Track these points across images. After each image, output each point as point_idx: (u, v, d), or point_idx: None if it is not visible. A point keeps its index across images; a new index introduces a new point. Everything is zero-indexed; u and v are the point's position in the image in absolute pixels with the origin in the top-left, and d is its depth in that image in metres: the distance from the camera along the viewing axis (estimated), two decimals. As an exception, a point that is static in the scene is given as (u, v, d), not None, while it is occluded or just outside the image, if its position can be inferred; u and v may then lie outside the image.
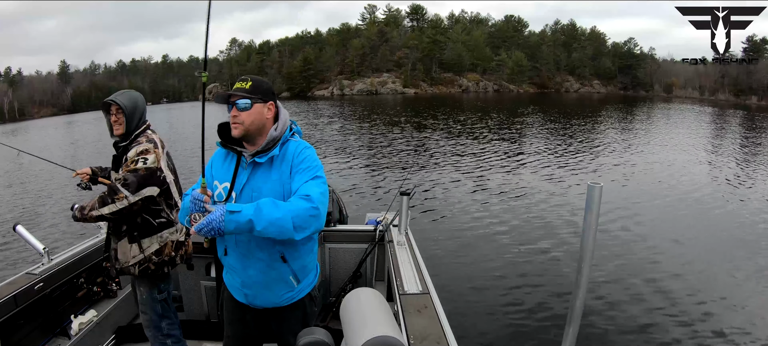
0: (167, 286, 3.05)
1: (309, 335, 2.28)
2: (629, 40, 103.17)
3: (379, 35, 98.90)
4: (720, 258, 7.31)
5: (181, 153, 17.89)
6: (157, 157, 2.78)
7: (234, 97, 2.05)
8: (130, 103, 2.85)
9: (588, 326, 5.18)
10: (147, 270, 2.87)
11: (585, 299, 1.62)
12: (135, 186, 2.67)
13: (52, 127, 49.45)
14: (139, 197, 2.69)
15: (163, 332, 3.03)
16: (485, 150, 18.47)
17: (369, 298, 2.18)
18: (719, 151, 18.71)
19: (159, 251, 2.87)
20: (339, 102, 65.64)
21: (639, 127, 28.07)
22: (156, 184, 2.77)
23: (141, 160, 2.72)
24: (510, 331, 5.29)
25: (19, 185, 15.94)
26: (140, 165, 2.71)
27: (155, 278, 2.93)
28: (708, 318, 5.44)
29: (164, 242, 2.88)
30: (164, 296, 3.02)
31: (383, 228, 3.87)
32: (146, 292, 2.96)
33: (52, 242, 8.35)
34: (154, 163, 2.75)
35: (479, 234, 8.56)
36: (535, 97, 75.44)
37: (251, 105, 2.06)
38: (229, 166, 2.16)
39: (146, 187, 2.72)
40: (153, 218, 2.85)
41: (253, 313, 2.27)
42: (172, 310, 3.11)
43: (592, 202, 1.49)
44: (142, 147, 2.77)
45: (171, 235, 2.92)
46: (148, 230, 2.84)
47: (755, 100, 65.76)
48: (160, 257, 2.88)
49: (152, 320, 3.00)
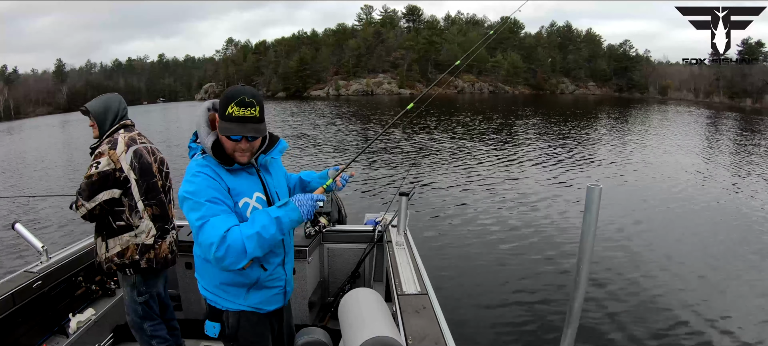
0: (149, 289, 3.00)
1: (308, 335, 2.29)
2: (625, 43, 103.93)
3: (375, 36, 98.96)
4: (718, 258, 7.35)
5: (181, 155, 17.83)
6: (110, 159, 2.75)
7: (257, 133, 1.94)
8: (100, 108, 2.87)
9: (586, 326, 5.20)
10: (110, 269, 2.88)
11: (584, 299, 1.62)
12: (86, 194, 2.71)
13: (48, 127, 49.31)
14: (94, 203, 2.72)
15: (147, 333, 3.02)
16: (483, 151, 18.51)
17: (367, 298, 2.18)
18: (716, 153, 18.80)
19: (121, 253, 2.85)
20: (335, 102, 65.55)
21: (636, 128, 28.22)
22: (114, 186, 2.76)
23: (93, 165, 2.73)
24: (508, 331, 5.29)
25: (19, 181, 15.87)
26: (93, 171, 2.71)
27: (133, 279, 2.92)
28: (707, 318, 5.46)
29: (125, 245, 2.86)
30: (145, 299, 2.99)
31: (382, 228, 3.86)
32: (127, 293, 2.96)
33: (50, 240, 8.30)
34: (107, 166, 2.73)
35: (477, 235, 8.57)
36: (531, 98, 75.67)
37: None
38: (244, 177, 2.07)
39: (101, 192, 2.73)
40: (113, 220, 2.83)
41: (277, 315, 2.31)
42: (157, 311, 3.08)
43: (591, 203, 1.49)
44: (99, 150, 2.78)
45: (131, 239, 2.87)
46: (111, 232, 2.85)
47: (749, 102, 66.14)
48: (122, 259, 2.86)
49: (134, 321, 3.00)
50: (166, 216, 3.03)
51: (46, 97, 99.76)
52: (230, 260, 1.84)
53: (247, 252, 1.85)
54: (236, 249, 1.83)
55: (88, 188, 2.70)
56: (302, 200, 1.96)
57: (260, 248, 1.88)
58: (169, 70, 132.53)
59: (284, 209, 1.93)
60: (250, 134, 1.91)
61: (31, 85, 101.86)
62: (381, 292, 3.65)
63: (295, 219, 1.93)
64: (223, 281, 2.09)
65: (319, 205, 2.00)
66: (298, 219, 1.94)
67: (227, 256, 1.83)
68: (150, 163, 2.92)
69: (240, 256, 1.85)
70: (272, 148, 2.15)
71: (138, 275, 2.92)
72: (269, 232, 1.87)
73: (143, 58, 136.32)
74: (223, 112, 1.90)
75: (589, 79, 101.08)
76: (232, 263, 1.85)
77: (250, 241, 1.85)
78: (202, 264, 2.10)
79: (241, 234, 1.85)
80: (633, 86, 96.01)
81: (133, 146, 2.86)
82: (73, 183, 14.88)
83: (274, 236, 1.89)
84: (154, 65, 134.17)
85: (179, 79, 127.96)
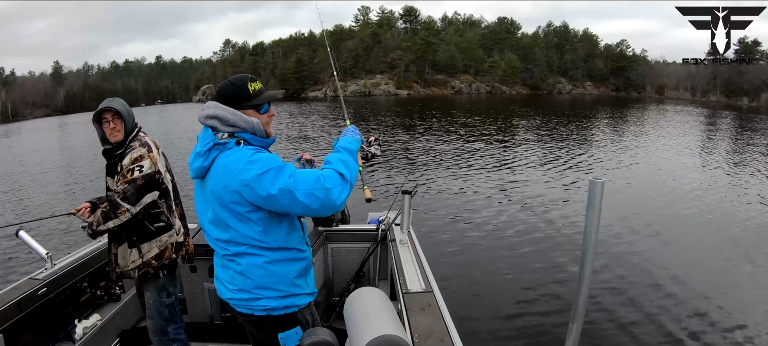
0: (175, 290, 3.03)
1: (313, 335, 2.30)
2: (621, 42, 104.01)
3: (373, 37, 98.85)
4: (720, 254, 7.41)
5: (183, 155, 17.79)
6: (152, 162, 2.76)
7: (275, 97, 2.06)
8: (124, 108, 2.83)
9: (592, 322, 5.22)
10: (146, 274, 2.85)
11: (588, 295, 1.63)
12: (134, 198, 2.67)
13: (46, 129, 49.08)
14: (140, 206, 2.69)
15: (169, 336, 3.01)
16: (484, 149, 18.55)
17: (372, 297, 2.19)
18: (715, 151, 18.82)
19: (159, 255, 2.86)
20: (333, 103, 65.42)
21: (635, 128, 28.28)
22: (155, 188, 2.77)
23: (136, 168, 2.70)
24: (513, 327, 5.31)
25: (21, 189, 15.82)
26: (137, 174, 2.69)
27: (161, 282, 2.92)
28: (708, 315, 5.48)
29: (164, 245, 2.87)
30: (172, 300, 3.00)
31: (386, 227, 3.87)
32: (154, 297, 2.94)
33: (54, 246, 8.29)
34: (150, 168, 2.74)
35: (481, 231, 8.59)
36: (528, 98, 75.58)
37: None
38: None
39: (146, 195, 2.72)
40: (151, 222, 2.82)
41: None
42: (179, 314, 3.10)
43: (594, 198, 1.47)
44: (136, 153, 2.74)
45: (170, 238, 2.90)
46: (147, 235, 2.82)
47: (746, 101, 66.19)
48: (160, 260, 2.86)
49: (159, 325, 2.98)
50: (184, 215, 3.10)
51: (44, 100, 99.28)
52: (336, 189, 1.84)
53: (345, 178, 1.88)
54: (334, 179, 1.85)
55: (137, 191, 2.67)
56: (349, 131, 2.15)
57: (352, 175, 1.94)
58: (166, 72, 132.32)
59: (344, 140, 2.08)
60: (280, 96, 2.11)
61: (28, 87, 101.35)
62: (386, 291, 3.66)
63: (357, 148, 2.08)
64: (297, 274, 2.04)
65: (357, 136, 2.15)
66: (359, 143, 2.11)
67: (334, 187, 1.83)
68: (169, 165, 3.00)
69: (343, 184, 1.87)
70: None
71: (167, 276, 2.92)
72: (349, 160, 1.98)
73: (141, 60, 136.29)
74: (246, 94, 1.94)
75: (586, 79, 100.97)
76: (339, 193, 1.84)
77: (341, 166, 1.91)
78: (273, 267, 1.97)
79: (330, 167, 1.91)
80: (630, 86, 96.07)
81: (160, 148, 2.91)
82: (70, 188, 14.87)
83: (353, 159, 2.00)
84: (152, 67, 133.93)
85: (177, 81, 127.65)
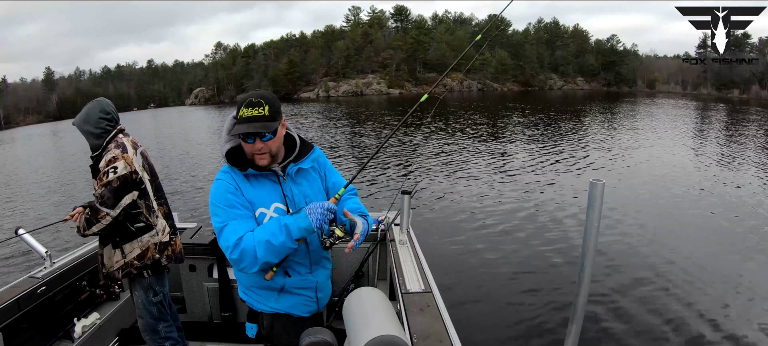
0: (162, 288, 3.04)
1: (312, 335, 2.30)
2: (612, 37, 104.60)
3: (364, 37, 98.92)
4: (720, 250, 7.38)
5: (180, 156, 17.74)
6: (127, 162, 2.77)
7: (259, 133, 1.94)
8: (80, 120, 2.89)
9: (591, 323, 5.19)
10: (130, 274, 2.89)
11: (588, 296, 1.62)
12: (112, 201, 2.70)
13: (38, 136, 48.81)
14: (120, 209, 2.73)
15: (161, 335, 3.04)
16: (481, 149, 18.50)
17: (371, 297, 2.18)
18: (711, 143, 18.92)
19: (141, 255, 2.88)
20: (325, 104, 65.36)
21: (629, 123, 28.37)
22: (133, 188, 2.79)
23: (111, 170, 2.72)
24: (513, 328, 5.28)
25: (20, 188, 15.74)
26: (112, 176, 2.71)
27: (147, 282, 2.95)
28: (708, 315, 5.43)
29: (145, 245, 2.89)
30: (160, 299, 3.02)
31: (385, 227, 3.84)
32: (141, 297, 2.97)
33: (54, 245, 8.27)
34: (124, 169, 2.75)
35: (481, 232, 8.56)
36: (520, 95, 75.71)
37: (276, 132, 2.00)
38: (265, 186, 2.09)
39: (124, 196, 2.74)
40: (131, 223, 2.85)
41: (315, 319, 2.35)
42: (170, 312, 3.11)
43: (594, 199, 1.45)
44: (111, 155, 2.76)
45: (152, 238, 2.92)
46: (128, 236, 2.85)
47: (737, 93, 66.75)
48: (142, 261, 2.88)
49: (149, 323, 3.01)
50: (170, 214, 3.11)
51: (36, 106, 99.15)
52: (245, 264, 1.92)
53: (257, 258, 1.91)
54: (249, 254, 1.90)
55: (113, 194, 2.69)
56: (313, 208, 1.94)
57: (271, 254, 1.93)
58: (158, 76, 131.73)
59: (294, 216, 1.95)
60: (258, 131, 1.91)
61: (20, 94, 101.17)
62: (385, 291, 3.67)
63: (303, 227, 1.92)
64: (255, 285, 2.17)
65: (330, 215, 1.97)
66: (307, 227, 1.92)
67: (242, 259, 1.91)
68: (152, 165, 3.02)
69: (253, 261, 1.91)
70: (303, 157, 2.17)
71: (153, 276, 2.95)
72: (278, 239, 1.91)
73: (132, 64, 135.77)
74: (235, 117, 1.98)
75: (577, 75, 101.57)
76: (247, 267, 1.93)
77: (260, 247, 1.91)
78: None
79: (254, 240, 1.91)
80: (621, 80, 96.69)
81: (139, 148, 2.92)
82: (68, 192, 14.78)
83: (283, 244, 1.92)
84: (144, 71, 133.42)
85: (169, 85, 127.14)
